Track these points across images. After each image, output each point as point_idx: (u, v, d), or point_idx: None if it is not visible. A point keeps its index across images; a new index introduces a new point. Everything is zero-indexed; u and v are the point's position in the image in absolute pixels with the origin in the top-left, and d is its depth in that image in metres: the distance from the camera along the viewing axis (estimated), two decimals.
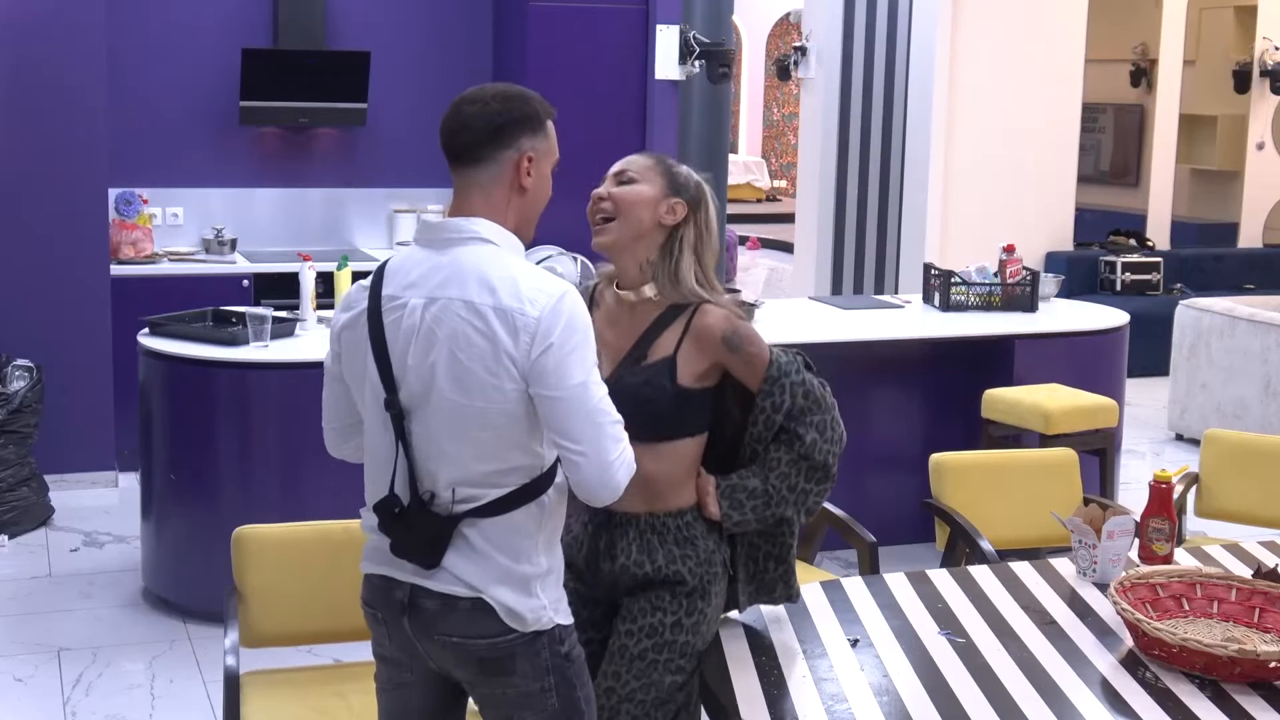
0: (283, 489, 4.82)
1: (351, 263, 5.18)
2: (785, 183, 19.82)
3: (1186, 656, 2.66)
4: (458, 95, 2.49)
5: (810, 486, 2.76)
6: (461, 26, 7.22)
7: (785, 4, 18.59)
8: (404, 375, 2.40)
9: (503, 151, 2.43)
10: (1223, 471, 4.33)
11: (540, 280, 2.39)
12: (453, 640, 2.43)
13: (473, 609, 2.41)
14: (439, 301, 2.38)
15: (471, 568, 2.40)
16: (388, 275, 2.46)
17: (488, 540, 2.40)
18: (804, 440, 2.72)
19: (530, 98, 2.49)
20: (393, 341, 2.41)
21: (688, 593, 2.75)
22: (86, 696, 4.29)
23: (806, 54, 9.14)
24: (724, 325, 2.71)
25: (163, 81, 6.81)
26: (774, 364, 2.73)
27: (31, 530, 5.66)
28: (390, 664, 2.58)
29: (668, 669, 2.73)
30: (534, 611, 2.42)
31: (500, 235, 2.44)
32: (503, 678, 2.44)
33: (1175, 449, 7.51)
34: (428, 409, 2.39)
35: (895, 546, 5.11)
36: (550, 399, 2.34)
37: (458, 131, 2.45)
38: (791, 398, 2.72)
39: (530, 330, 2.33)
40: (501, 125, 2.43)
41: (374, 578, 2.52)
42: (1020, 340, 5.74)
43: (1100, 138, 11.78)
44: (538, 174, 2.47)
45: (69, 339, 6.07)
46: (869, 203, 9.15)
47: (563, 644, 2.48)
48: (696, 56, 6.82)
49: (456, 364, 2.35)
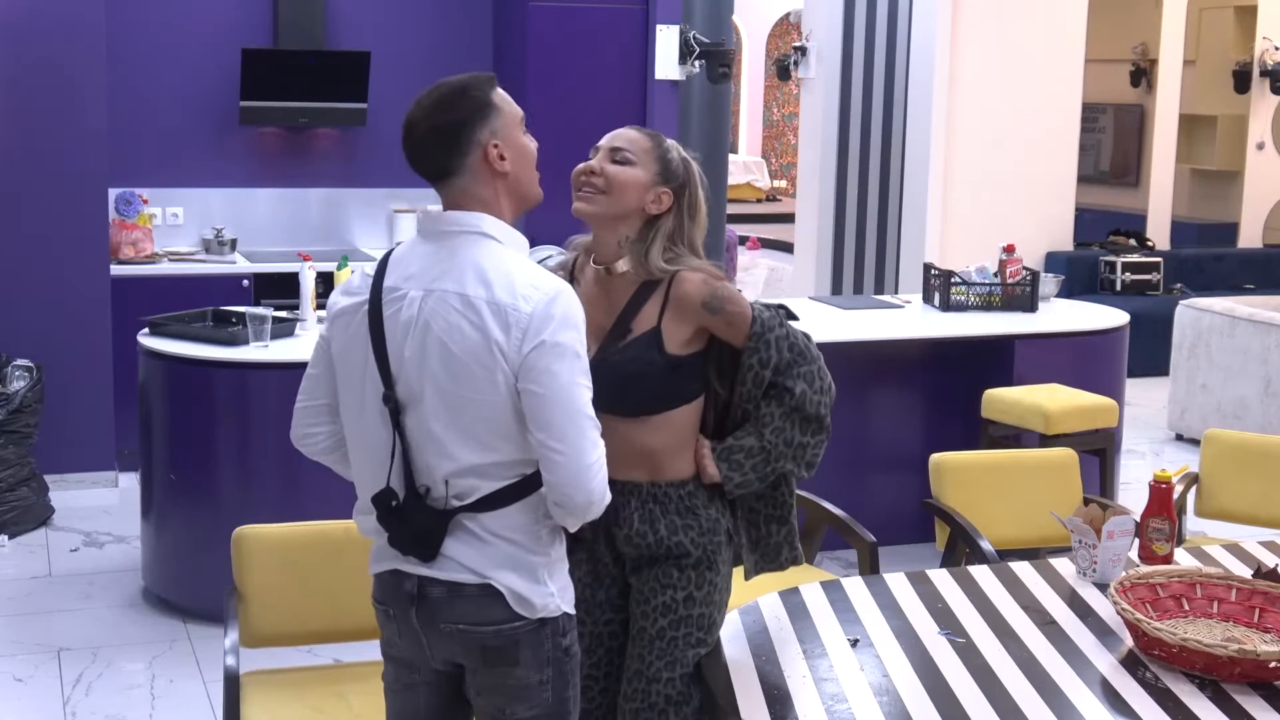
0: (283, 489, 4.82)
1: (351, 262, 5.18)
2: (785, 183, 19.82)
3: (1186, 656, 2.66)
4: (405, 115, 2.46)
5: (806, 439, 2.76)
6: (461, 26, 7.22)
7: (785, 4, 18.60)
8: (401, 368, 2.41)
9: (467, 156, 2.43)
10: (1223, 471, 4.33)
11: (536, 277, 2.40)
12: (459, 628, 2.43)
13: (480, 595, 2.41)
14: (436, 294, 2.39)
15: (476, 554, 2.41)
16: (390, 266, 2.47)
17: (489, 530, 2.41)
18: (794, 393, 2.73)
19: (466, 86, 2.44)
20: (391, 334, 2.42)
21: (694, 564, 2.75)
22: (86, 696, 4.29)
23: (806, 54, 9.14)
24: (702, 290, 2.71)
25: (163, 81, 6.81)
26: (756, 320, 2.73)
27: (31, 530, 5.66)
28: (399, 664, 2.59)
29: (688, 643, 2.75)
30: (542, 597, 2.43)
31: (503, 232, 2.45)
32: (504, 667, 2.45)
33: (1175, 449, 7.50)
34: (423, 402, 2.39)
35: (895, 546, 5.11)
36: (536, 394, 2.34)
37: (418, 159, 2.46)
38: (778, 352, 2.72)
39: (522, 326, 2.34)
40: (453, 134, 2.41)
41: (384, 574, 2.52)
42: (1020, 340, 5.74)
43: (1100, 138, 11.79)
44: (510, 149, 2.45)
45: (69, 339, 6.06)
46: (869, 203, 9.15)
47: (564, 636, 2.49)
48: (696, 56, 6.82)
49: (450, 356, 2.36)
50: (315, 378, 2.61)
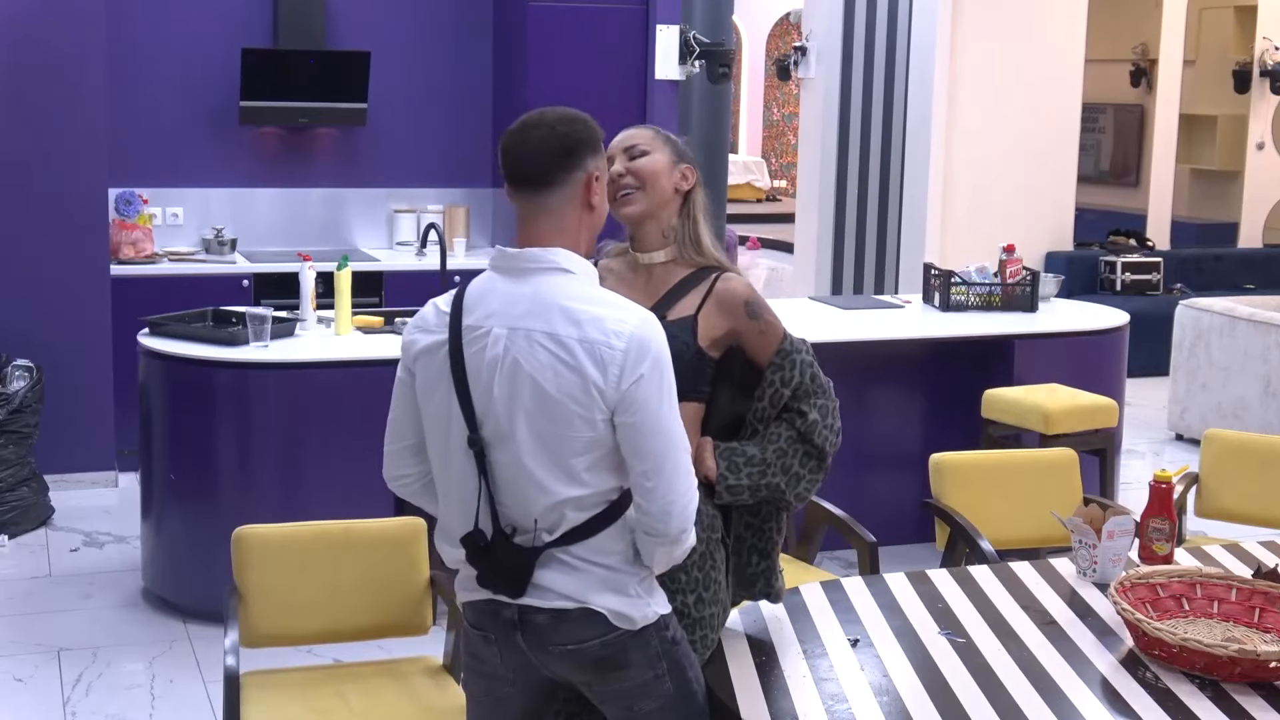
0: (283, 489, 4.83)
1: (351, 262, 5.18)
2: (785, 183, 19.82)
3: (1186, 656, 2.66)
4: (515, 122, 2.49)
5: (804, 471, 2.78)
6: (461, 26, 7.23)
7: (785, 4, 18.58)
8: (488, 408, 2.41)
9: (573, 173, 2.46)
10: (1223, 471, 4.33)
11: (621, 310, 2.42)
12: (568, 648, 2.47)
13: (582, 616, 2.45)
14: (521, 332, 2.40)
15: (570, 581, 2.44)
16: (467, 303, 2.46)
17: (578, 558, 2.44)
18: (806, 418, 2.76)
19: (590, 120, 2.52)
20: (474, 374, 2.42)
21: (697, 561, 2.74)
22: (86, 696, 4.29)
23: (806, 54, 9.13)
24: (747, 292, 2.79)
25: (163, 81, 6.81)
26: (787, 338, 2.80)
27: (31, 530, 5.66)
28: (492, 679, 2.60)
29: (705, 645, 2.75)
30: (640, 609, 2.48)
31: (578, 264, 2.47)
32: (618, 672, 2.49)
33: (1175, 449, 7.51)
34: (515, 441, 2.40)
35: (895, 546, 5.11)
36: (633, 426, 2.38)
37: (528, 157, 2.46)
38: (801, 374, 2.77)
39: (618, 364, 2.36)
40: (571, 147, 2.45)
41: (478, 603, 2.53)
42: (1020, 340, 5.74)
43: (1100, 138, 11.79)
44: (602, 191, 2.53)
45: (69, 339, 6.07)
46: (869, 203, 9.15)
47: (669, 629, 2.54)
48: (696, 56, 6.82)
49: (543, 395, 2.37)
50: (399, 420, 2.59)
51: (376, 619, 3.42)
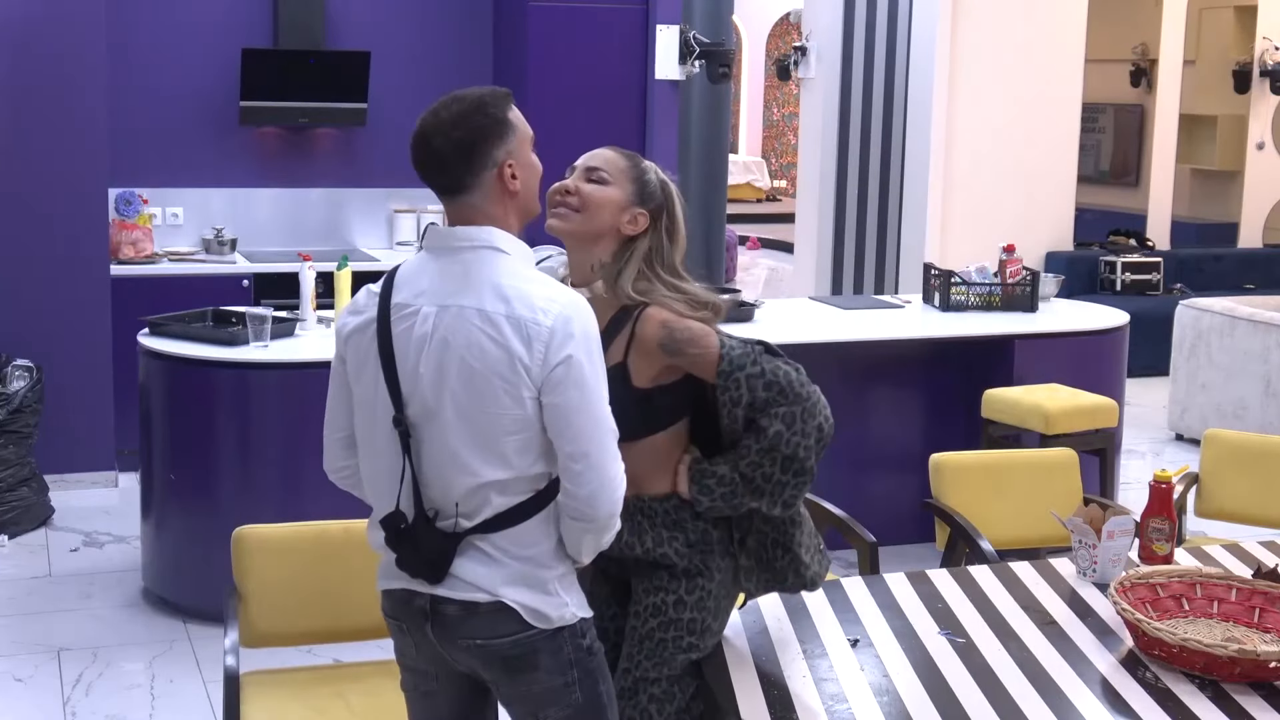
0: (283, 489, 4.82)
1: (351, 262, 5.18)
2: (785, 183, 19.81)
3: (1186, 656, 2.66)
4: (417, 124, 2.42)
5: (786, 479, 2.66)
6: (461, 26, 7.23)
7: (785, 4, 18.57)
8: (415, 388, 2.38)
9: (482, 174, 2.41)
10: (1223, 471, 4.33)
11: (552, 290, 2.39)
12: (476, 643, 2.43)
13: (494, 611, 2.41)
14: (452, 309, 2.37)
15: (486, 572, 2.40)
16: (398, 282, 2.45)
17: (498, 549, 2.41)
18: (767, 433, 2.64)
19: (485, 102, 2.42)
20: (402, 352, 2.39)
21: (684, 572, 2.74)
22: (86, 696, 4.29)
23: (806, 54, 9.14)
24: (659, 333, 2.64)
25: (163, 81, 6.81)
26: (725, 359, 2.64)
27: (31, 530, 5.66)
28: (415, 673, 2.59)
29: (678, 647, 2.73)
30: (556, 609, 2.43)
31: (512, 244, 2.43)
32: (527, 674, 2.44)
33: (1175, 449, 7.51)
34: (441, 420, 2.37)
35: (895, 546, 5.11)
36: (559, 407, 2.34)
37: (433, 169, 2.42)
38: (750, 390, 2.63)
39: (544, 340, 2.33)
40: (470, 150, 2.39)
41: (394, 591, 2.52)
42: (1020, 340, 5.74)
43: (1100, 138, 11.79)
44: (522, 169, 2.44)
45: (69, 339, 6.07)
46: (869, 203, 9.16)
47: (584, 637, 2.48)
48: (696, 56, 6.82)
49: (471, 372, 2.35)
50: (334, 409, 2.57)
51: (376, 619, 3.40)
